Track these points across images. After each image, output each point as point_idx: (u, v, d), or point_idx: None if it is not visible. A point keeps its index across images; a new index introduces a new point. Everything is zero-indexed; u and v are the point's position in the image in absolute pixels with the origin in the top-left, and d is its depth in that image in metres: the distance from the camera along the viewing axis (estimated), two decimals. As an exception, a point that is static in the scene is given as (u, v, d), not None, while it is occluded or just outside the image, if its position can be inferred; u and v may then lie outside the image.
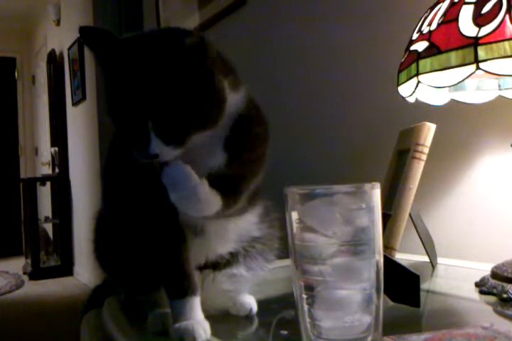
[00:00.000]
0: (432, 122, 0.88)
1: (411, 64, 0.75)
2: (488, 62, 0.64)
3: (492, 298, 0.74)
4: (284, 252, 0.69)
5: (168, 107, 0.54)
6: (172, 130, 0.55)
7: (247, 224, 0.69)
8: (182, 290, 0.61)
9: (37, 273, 4.25)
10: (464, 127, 1.06)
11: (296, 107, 1.63)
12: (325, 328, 0.50)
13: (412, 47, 0.77)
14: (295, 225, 0.52)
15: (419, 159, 0.86)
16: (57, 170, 4.69)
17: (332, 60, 1.48)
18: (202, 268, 0.68)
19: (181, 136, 0.55)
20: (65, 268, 4.39)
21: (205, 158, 0.60)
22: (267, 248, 0.72)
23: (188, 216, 0.60)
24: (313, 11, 1.55)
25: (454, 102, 0.88)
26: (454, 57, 0.67)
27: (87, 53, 3.83)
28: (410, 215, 0.89)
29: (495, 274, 0.78)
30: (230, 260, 0.69)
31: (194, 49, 0.54)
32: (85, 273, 3.95)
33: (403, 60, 0.81)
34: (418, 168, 0.86)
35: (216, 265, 0.69)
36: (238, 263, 0.70)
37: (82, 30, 0.58)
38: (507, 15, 0.64)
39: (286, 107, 1.62)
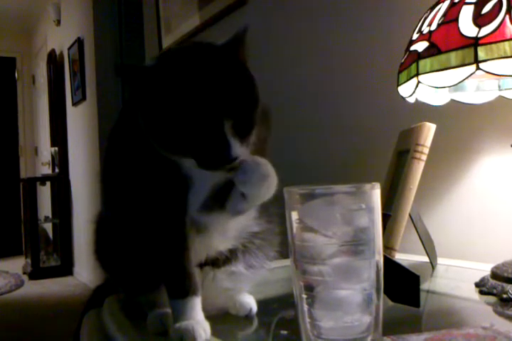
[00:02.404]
0: (431, 122, 0.88)
1: (411, 64, 0.76)
2: (488, 62, 0.65)
3: (492, 298, 0.74)
4: (283, 249, 0.69)
5: (242, 104, 0.56)
6: (246, 127, 0.57)
7: (247, 219, 0.69)
8: (183, 290, 0.61)
9: (37, 272, 4.26)
10: (463, 127, 1.06)
11: (295, 107, 1.63)
12: (325, 328, 0.50)
13: (412, 48, 0.77)
14: (295, 225, 0.52)
15: (419, 159, 0.86)
16: (57, 170, 4.69)
17: (332, 60, 1.48)
18: (202, 265, 0.68)
19: (250, 132, 0.57)
20: (65, 268, 4.39)
21: None
22: (266, 243, 0.71)
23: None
24: (313, 11, 1.55)
25: (453, 102, 0.88)
26: (453, 57, 0.67)
27: (87, 53, 3.84)
28: (410, 215, 0.89)
29: (495, 274, 0.78)
30: (229, 257, 0.69)
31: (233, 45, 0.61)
32: (85, 272, 3.95)
33: (403, 60, 0.81)
34: (418, 168, 0.86)
35: (215, 262, 0.69)
36: (237, 260, 0.69)
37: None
38: (507, 16, 0.64)
39: (286, 107, 1.62)
